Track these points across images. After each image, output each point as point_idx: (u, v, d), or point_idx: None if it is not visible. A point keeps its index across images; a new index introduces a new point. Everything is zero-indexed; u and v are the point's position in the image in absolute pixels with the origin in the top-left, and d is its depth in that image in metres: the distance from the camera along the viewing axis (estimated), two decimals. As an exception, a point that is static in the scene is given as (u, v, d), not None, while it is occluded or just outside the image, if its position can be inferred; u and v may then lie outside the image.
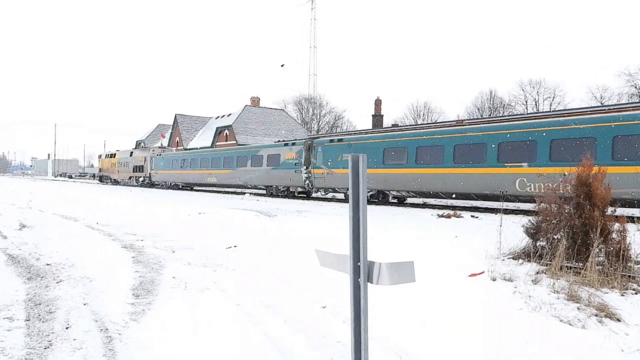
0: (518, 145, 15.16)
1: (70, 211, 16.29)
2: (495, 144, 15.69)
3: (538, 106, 61.03)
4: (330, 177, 22.24)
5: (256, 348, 3.95)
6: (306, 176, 23.79)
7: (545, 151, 14.36)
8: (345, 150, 21.65)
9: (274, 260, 7.52)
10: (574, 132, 13.88)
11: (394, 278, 2.10)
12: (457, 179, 16.85)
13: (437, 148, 17.68)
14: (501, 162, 15.50)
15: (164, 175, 40.25)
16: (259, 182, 28.21)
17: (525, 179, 14.68)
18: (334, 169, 22.02)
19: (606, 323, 4.31)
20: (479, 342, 4.00)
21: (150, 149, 48.16)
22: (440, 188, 17.77)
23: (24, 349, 3.85)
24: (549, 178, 12.35)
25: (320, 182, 22.97)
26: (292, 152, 24.99)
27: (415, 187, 18.67)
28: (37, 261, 7.42)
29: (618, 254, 5.65)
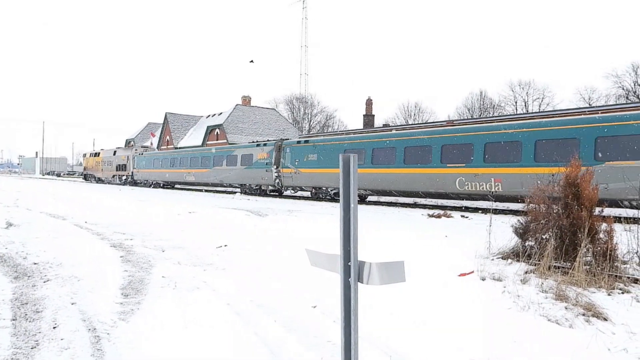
0: (458, 148, 16.68)
1: (58, 210, 16.12)
2: (439, 147, 17.17)
3: (527, 107, 61.61)
4: (298, 176, 23.77)
5: (246, 347, 3.93)
6: (276, 175, 25.16)
7: (480, 154, 15.95)
8: (311, 151, 23.21)
9: (265, 260, 7.51)
10: (504, 137, 15.49)
11: (384, 278, 2.11)
12: (407, 178, 18.35)
13: (391, 150, 19.16)
14: (444, 163, 17.01)
15: (145, 174, 41.33)
16: (234, 181, 29.57)
17: (464, 178, 16.25)
18: (301, 169, 23.61)
19: (593, 322, 4.36)
20: (468, 341, 4.02)
21: (132, 148, 48.97)
22: (393, 187, 19.22)
23: (10, 349, 3.80)
24: (482, 178, 15.37)
25: (288, 180, 24.50)
26: (264, 153, 26.42)
27: (372, 186, 20.07)
28: (24, 260, 7.33)
29: (605, 254, 5.72)
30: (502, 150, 15.43)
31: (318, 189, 23.15)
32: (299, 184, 24.21)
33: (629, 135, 12.71)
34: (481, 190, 15.97)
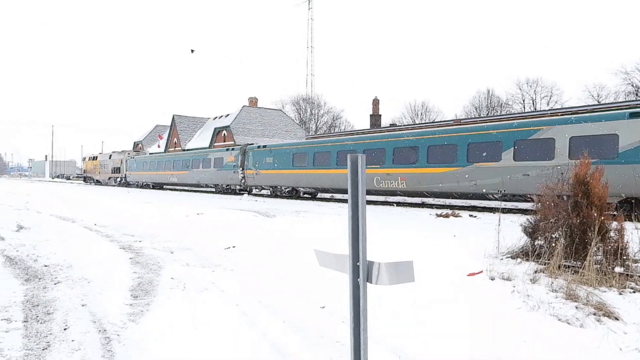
0: (375, 152, 20.12)
1: (68, 212, 16.25)
2: (361, 151, 20.56)
3: (535, 105, 61.17)
4: (258, 176, 27.34)
5: (255, 348, 3.94)
6: (242, 176, 28.85)
7: (390, 157, 19.46)
8: (267, 155, 26.73)
9: (273, 261, 7.52)
10: (406, 143, 19.12)
11: (393, 278, 2.10)
12: (339, 178, 21.61)
13: (327, 154, 22.72)
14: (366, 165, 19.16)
15: (136, 175, 45.09)
16: (209, 182, 33.24)
17: (380, 177, 19.74)
18: (260, 170, 27.06)
19: (604, 322, 4.32)
20: (478, 341, 4.00)
21: (126, 152, 52.04)
22: (329, 185, 22.65)
23: (22, 350, 3.84)
24: (392, 177, 19.04)
25: (251, 180, 28.13)
26: (232, 156, 30.06)
27: (315, 184, 23.57)
28: (35, 262, 7.40)
29: (616, 253, 5.66)
30: (406, 154, 18.89)
31: (274, 188, 26.68)
32: (259, 184, 27.70)
33: (487, 142, 16.27)
34: (392, 187, 19.46)
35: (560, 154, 14.21)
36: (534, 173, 14.57)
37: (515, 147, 15.49)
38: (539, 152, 14.86)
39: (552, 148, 14.53)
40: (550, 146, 14.58)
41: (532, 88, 62.26)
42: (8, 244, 9.33)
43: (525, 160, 15.16)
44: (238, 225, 12.15)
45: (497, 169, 15.70)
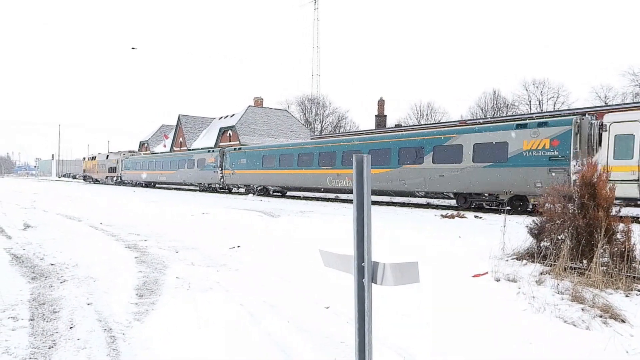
0: (329, 154, 22.89)
1: (74, 211, 16.34)
2: (317, 154, 23.49)
3: (541, 106, 60.88)
4: (234, 176, 30.18)
5: (259, 348, 3.95)
6: (221, 175, 31.75)
7: (340, 159, 22.16)
8: (242, 156, 29.55)
9: (278, 261, 7.53)
10: (352, 147, 21.92)
11: (398, 279, 2.10)
12: (300, 177, 24.70)
13: (290, 156, 25.50)
14: (320, 166, 23.22)
15: (130, 175, 48.00)
16: (193, 181, 36.03)
17: (331, 177, 22.45)
18: (236, 170, 29.85)
19: (611, 324, 4.29)
20: (483, 343, 3.99)
21: (121, 153, 55.20)
22: (292, 183, 25.62)
23: (28, 349, 3.86)
24: (341, 177, 21.78)
25: (228, 179, 30.94)
26: (212, 157, 32.92)
27: (280, 183, 26.60)
28: (41, 261, 7.44)
29: (623, 255, 5.63)
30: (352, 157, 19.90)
31: (247, 186, 29.63)
32: (235, 182, 30.53)
33: (414, 147, 18.80)
34: (341, 185, 22.12)
35: (466, 158, 16.82)
36: (447, 174, 17.32)
37: (434, 152, 18.02)
38: (451, 156, 17.37)
39: (461, 153, 17.03)
40: (459, 151, 17.08)
41: (538, 89, 62.00)
42: (15, 242, 9.39)
43: (441, 163, 17.66)
44: (243, 225, 12.18)
45: (420, 170, 18.35)
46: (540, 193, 13.88)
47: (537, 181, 14.81)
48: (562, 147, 14.46)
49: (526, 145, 15.29)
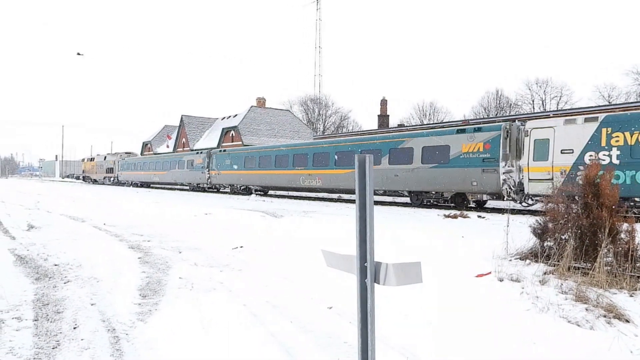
0: (302, 157, 24.73)
1: (77, 212, 16.39)
2: (292, 156, 25.49)
3: (545, 105, 60.70)
4: (220, 176, 32.22)
5: (263, 348, 3.95)
6: (208, 176, 33.75)
7: (311, 160, 23.95)
8: (226, 158, 31.77)
9: (281, 261, 7.53)
10: (322, 149, 23.89)
11: (401, 279, 2.09)
12: (277, 177, 26.72)
13: (269, 157, 27.41)
14: (295, 167, 25.14)
15: (126, 175, 50.24)
16: (184, 181, 38.15)
17: (304, 177, 24.32)
18: (221, 171, 31.90)
19: (615, 324, 4.28)
20: (486, 343, 3.98)
21: (118, 154, 57.67)
22: (270, 183, 27.60)
23: (32, 349, 3.88)
24: (312, 176, 23.68)
25: (215, 179, 33.01)
26: (200, 159, 35.11)
27: (261, 183, 28.53)
28: (45, 262, 7.47)
29: (627, 254, 5.60)
30: (322, 159, 23.49)
31: (232, 186, 31.52)
32: (221, 182, 32.52)
33: (374, 150, 20.34)
34: (312, 185, 24.06)
35: (416, 160, 18.56)
36: (400, 174, 19.06)
37: (390, 154, 19.69)
38: (404, 158, 19.05)
39: (412, 155, 18.77)
40: (410, 153, 18.83)
41: (541, 88, 61.79)
42: (19, 243, 9.43)
43: (396, 164, 19.32)
44: (246, 225, 12.19)
45: (379, 170, 19.54)
46: (476, 191, 16.90)
47: (473, 180, 16.64)
48: (493, 150, 16.17)
49: (464, 148, 17.04)
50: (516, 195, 15.88)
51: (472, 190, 17.03)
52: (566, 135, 14.49)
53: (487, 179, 16.16)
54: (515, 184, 15.81)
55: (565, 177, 14.11)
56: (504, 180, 15.92)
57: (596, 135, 13.90)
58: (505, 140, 15.99)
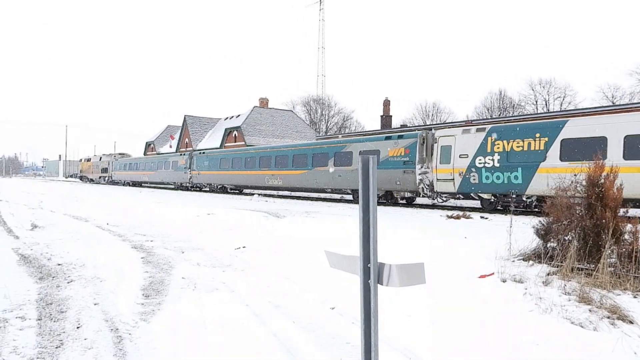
0: (267, 159, 27.81)
1: (80, 211, 16.44)
2: (258, 158, 28.70)
3: (548, 106, 60.52)
4: (200, 176, 35.64)
5: (265, 348, 3.95)
6: (189, 176, 37.05)
7: (274, 162, 27.05)
8: (205, 159, 35.09)
9: (283, 261, 7.53)
10: (283, 152, 26.72)
11: (404, 280, 2.09)
12: (247, 177, 29.77)
13: (240, 159, 30.70)
14: (260, 168, 28.27)
15: (120, 175, 53.33)
16: (169, 180, 41.19)
17: (268, 177, 27.40)
18: (201, 171, 35.28)
19: (619, 325, 4.26)
20: (490, 344, 3.97)
21: (112, 155, 60.81)
22: (242, 182, 30.77)
23: (35, 348, 3.89)
24: (275, 177, 26.66)
25: (195, 179, 36.39)
26: (183, 160, 38.50)
27: (234, 182, 31.84)
28: (49, 261, 7.49)
29: (631, 255, 5.58)
30: (282, 161, 26.49)
31: (210, 185, 35.14)
32: (201, 182, 35.90)
33: (322, 153, 23.71)
34: (275, 184, 27.12)
35: (354, 162, 21.36)
36: (343, 175, 22.08)
37: (335, 157, 22.70)
38: (345, 161, 22.03)
39: (351, 158, 21.72)
40: (351, 156, 21.79)
41: (545, 89, 61.61)
42: (22, 242, 9.46)
43: (340, 166, 22.31)
44: (248, 225, 12.20)
45: (326, 171, 23.05)
46: (399, 189, 19.92)
47: (397, 180, 19.56)
48: (411, 155, 19.07)
49: (390, 152, 20.00)
50: (430, 192, 18.65)
51: (396, 189, 20.05)
52: (463, 143, 17.20)
53: (407, 179, 19.15)
54: (429, 183, 18.56)
55: (462, 177, 17.11)
56: (420, 180, 18.73)
57: (484, 143, 16.61)
58: (421, 146, 18.85)
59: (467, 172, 16.90)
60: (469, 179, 16.79)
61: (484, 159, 16.52)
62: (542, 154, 15.17)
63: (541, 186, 14.54)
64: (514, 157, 15.79)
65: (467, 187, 17.13)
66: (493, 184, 16.32)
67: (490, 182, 16.39)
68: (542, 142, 15.22)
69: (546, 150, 15.06)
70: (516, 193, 15.72)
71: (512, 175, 15.74)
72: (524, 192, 15.53)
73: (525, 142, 15.65)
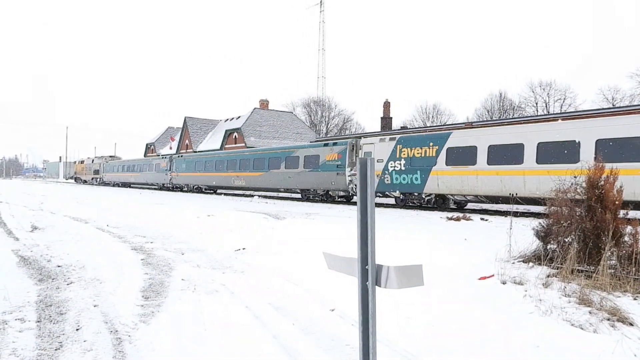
0: (232, 162, 31.96)
1: (80, 213, 16.44)
2: (225, 161, 32.70)
3: (548, 108, 60.51)
4: (178, 177, 39.75)
5: (265, 350, 3.95)
6: (170, 177, 41.03)
7: (238, 165, 31.04)
8: (182, 162, 39.33)
9: (283, 263, 7.53)
10: (247, 157, 30.70)
11: (402, 282, 2.09)
12: (217, 178, 33.77)
13: (211, 163, 34.79)
14: (228, 170, 32.22)
15: (109, 176, 57.26)
16: (153, 181, 45.07)
17: (234, 178, 31.29)
18: (179, 173, 39.45)
19: (619, 327, 4.25)
20: (489, 345, 3.97)
21: (104, 157, 63.79)
22: (212, 183, 34.73)
23: (35, 350, 3.89)
24: (240, 178, 30.60)
25: (175, 180, 40.40)
26: (164, 162, 42.57)
27: (207, 183, 35.70)
28: (49, 263, 7.49)
29: (631, 257, 5.58)
30: (245, 164, 30.46)
31: (187, 185, 39.02)
32: (179, 183, 39.77)
33: (276, 157, 27.51)
34: (240, 184, 30.94)
35: (300, 165, 25.26)
36: (292, 176, 25.95)
37: (286, 161, 26.56)
38: (294, 164, 25.81)
39: (298, 162, 25.53)
40: (297, 161, 25.61)
41: (545, 91, 61.60)
42: (22, 244, 9.46)
43: (290, 169, 26.11)
44: (248, 227, 12.19)
45: (279, 173, 26.91)
46: (334, 189, 23.37)
47: (332, 181, 23.21)
48: (343, 159, 22.58)
49: (327, 157, 23.56)
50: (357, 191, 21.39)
51: (331, 188, 23.58)
52: (380, 149, 20.46)
53: (340, 180, 22.74)
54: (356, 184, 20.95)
55: (379, 178, 20.31)
56: (350, 181, 22.32)
57: (394, 150, 19.87)
58: (351, 152, 22.40)
59: (383, 174, 20.20)
60: (384, 180, 20.17)
61: (394, 163, 19.86)
62: (434, 160, 18.25)
63: (434, 186, 18.33)
64: (415, 162, 19.03)
65: (383, 187, 20.32)
66: (401, 184, 19.69)
67: (399, 183, 19.74)
68: (434, 150, 18.29)
69: (437, 157, 18.14)
70: (417, 192, 19.09)
71: (413, 177, 19.07)
72: (422, 191, 18.81)
73: (422, 149, 18.81)
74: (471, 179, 17.04)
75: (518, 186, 15.51)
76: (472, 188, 17.10)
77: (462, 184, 17.34)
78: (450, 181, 17.70)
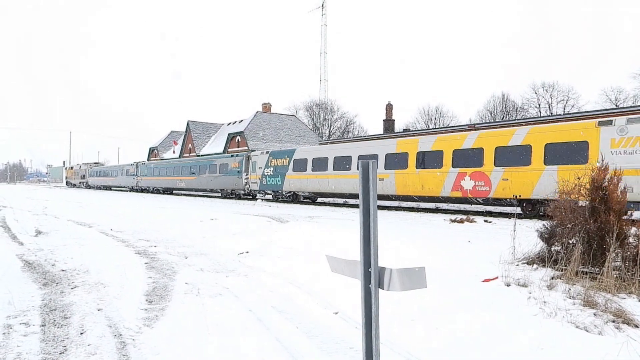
0: (177, 168, 40.02)
1: (84, 217, 16.49)
2: (198, 167, 37.48)
3: (551, 109, 60.37)
4: (143, 181, 47.29)
5: (269, 354, 3.94)
6: (137, 181, 48.54)
7: (180, 170, 39.05)
8: (148, 167, 47.04)
9: (286, 266, 7.52)
10: (200, 163, 37.42)
11: (405, 284, 2.09)
12: (168, 181, 41.80)
13: (164, 168, 42.68)
14: (174, 175, 39.71)
15: (93, 180, 64.96)
16: (125, 184, 52.87)
17: (178, 181, 39.13)
18: (144, 177, 47.01)
19: (624, 329, 4.23)
20: (494, 348, 3.95)
21: (89, 164, 72.15)
22: (164, 186, 42.99)
23: (39, 354, 3.90)
24: (181, 181, 40.26)
25: (140, 183, 47.99)
26: (132, 168, 50.67)
27: (162, 186, 43.59)
28: (53, 267, 7.51)
29: (635, 259, 5.55)
30: (185, 170, 38.34)
31: (148, 187, 46.17)
32: (143, 185, 47.22)
33: (206, 165, 36.34)
34: (181, 186, 38.87)
35: (217, 171, 34.11)
36: (213, 179, 34.53)
37: (209, 167, 35.16)
38: (213, 170, 34.41)
39: (216, 169, 33.95)
40: (216, 168, 34.12)
41: (548, 92, 61.49)
42: (27, 248, 9.49)
43: (211, 174, 34.42)
44: (252, 230, 12.20)
45: (205, 177, 35.67)
46: (236, 188, 32.76)
47: (235, 183, 31.94)
48: (241, 167, 31.35)
49: (232, 165, 32.47)
50: (249, 190, 30.84)
51: (236, 188, 32.31)
52: (260, 160, 29.05)
53: (239, 182, 31.51)
54: (250, 185, 30.44)
55: (259, 181, 28.90)
56: (245, 182, 30.75)
57: (268, 160, 28.39)
58: (247, 161, 30.95)
59: (262, 177, 28.74)
60: (262, 182, 28.75)
61: (267, 170, 28.33)
62: (287, 168, 26.74)
63: (289, 186, 26.74)
64: (278, 170, 27.51)
65: (263, 187, 28.84)
66: (271, 185, 28.13)
67: (270, 184, 28.17)
68: (287, 161, 26.90)
69: (289, 166, 26.62)
70: (279, 190, 27.43)
71: (277, 180, 27.49)
72: (282, 189, 27.29)
73: (281, 160, 27.46)
74: (304, 181, 25.70)
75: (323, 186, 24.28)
76: (305, 187, 25.78)
77: (301, 184, 25.95)
78: (295, 182, 26.35)
